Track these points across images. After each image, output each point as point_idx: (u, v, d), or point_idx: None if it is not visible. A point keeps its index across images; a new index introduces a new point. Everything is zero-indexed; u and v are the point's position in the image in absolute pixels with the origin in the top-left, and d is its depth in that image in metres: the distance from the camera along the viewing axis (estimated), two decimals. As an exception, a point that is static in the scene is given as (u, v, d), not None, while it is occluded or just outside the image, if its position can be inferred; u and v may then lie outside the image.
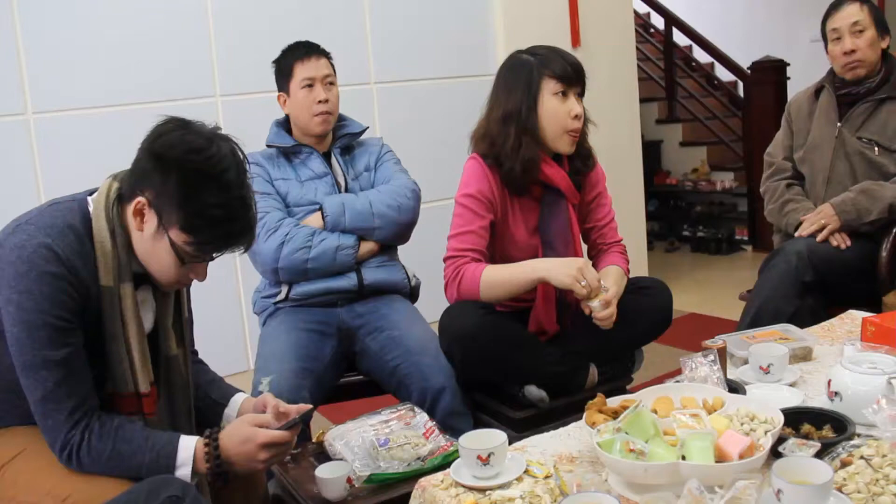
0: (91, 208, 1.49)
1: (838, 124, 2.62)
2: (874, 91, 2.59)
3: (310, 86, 2.33)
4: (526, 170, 2.10)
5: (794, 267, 2.43)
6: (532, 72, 2.10)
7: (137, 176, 1.46)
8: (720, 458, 1.30)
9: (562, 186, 2.16)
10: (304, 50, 2.38)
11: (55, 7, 3.05)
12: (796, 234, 2.57)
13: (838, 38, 2.59)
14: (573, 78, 2.10)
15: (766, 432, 1.37)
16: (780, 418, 1.41)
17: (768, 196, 2.80)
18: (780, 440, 1.38)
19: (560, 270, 1.99)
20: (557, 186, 2.16)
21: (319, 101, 2.33)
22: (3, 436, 1.50)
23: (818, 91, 2.73)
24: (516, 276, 2.05)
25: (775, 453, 1.36)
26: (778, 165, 2.82)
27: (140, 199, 1.45)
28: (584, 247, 2.36)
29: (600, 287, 1.99)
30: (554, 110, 2.09)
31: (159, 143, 1.43)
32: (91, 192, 1.53)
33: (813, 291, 2.46)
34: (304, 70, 2.34)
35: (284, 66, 2.38)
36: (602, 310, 2.00)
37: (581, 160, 2.22)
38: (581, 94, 2.15)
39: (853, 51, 2.56)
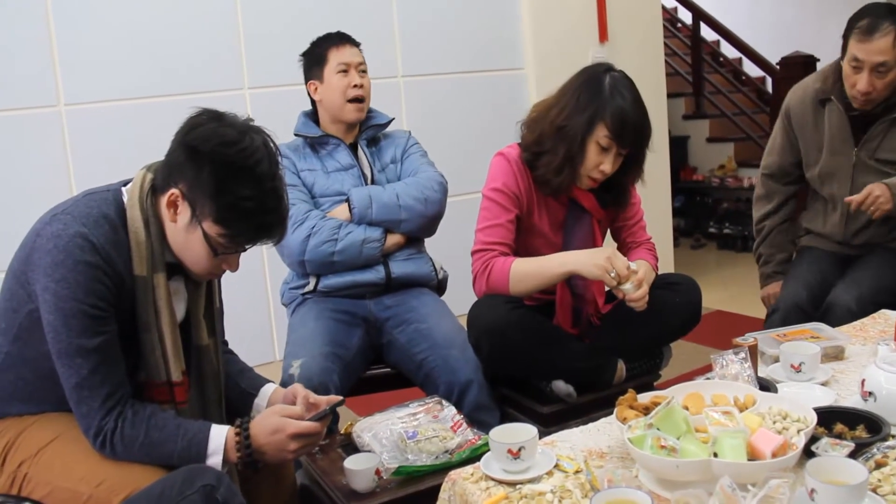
0: (125, 199, 1.51)
1: (854, 149, 2.49)
2: (892, 108, 2.42)
3: (345, 71, 2.34)
4: (559, 188, 2.10)
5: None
6: (598, 108, 2.01)
7: (171, 168, 1.47)
8: (753, 456, 1.29)
9: (586, 205, 2.17)
10: (337, 38, 2.40)
11: (87, 0, 3.08)
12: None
13: (858, 68, 2.34)
14: (622, 139, 2.01)
15: (798, 431, 1.36)
16: (814, 417, 1.40)
17: (757, 236, 2.80)
18: (813, 439, 1.37)
19: (589, 262, 1.99)
20: (582, 204, 2.16)
21: (354, 86, 2.34)
22: (40, 421, 1.53)
23: (823, 101, 2.54)
24: (546, 270, 2.05)
25: (808, 453, 1.34)
26: (768, 190, 2.74)
27: (174, 190, 1.46)
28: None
29: (630, 273, 1.98)
30: (591, 157, 2.04)
31: (193, 135, 1.44)
32: (125, 183, 1.55)
33: None
34: (339, 56, 2.35)
35: (318, 53, 2.39)
36: (635, 290, 1.99)
37: (613, 198, 2.21)
38: (629, 157, 2.07)
39: (868, 91, 2.34)
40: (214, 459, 1.49)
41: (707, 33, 6.70)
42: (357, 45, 2.42)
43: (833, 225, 2.61)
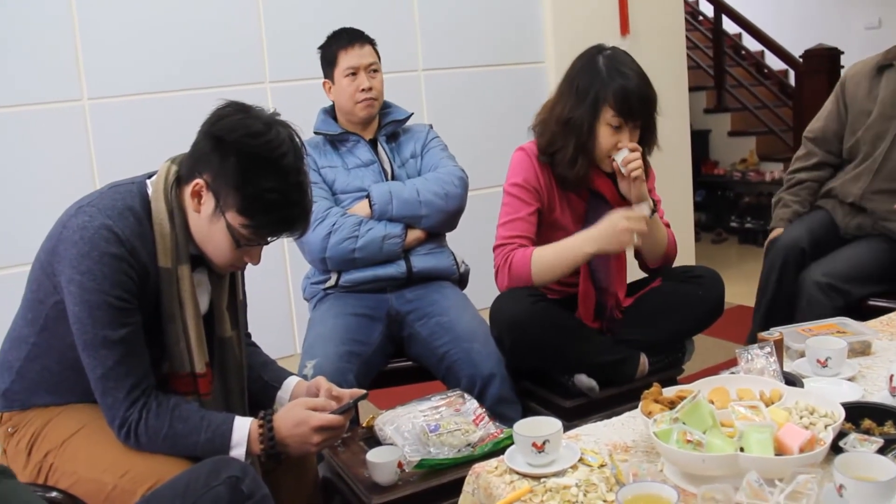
0: (150, 191, 1.52)
1: None
2: None
3: (353, 74, 2.33)
4: (578, 180, 2.11)
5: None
6: (598, 92, 2.02)
7: (196, 158, 1.48)
8: (780, 451, 1.28)
9: (607, 196, 2.16)
10: (347, 38, 2.37)
11: (110, -5, 3.10)
12: None
13: None
14: (631, 114, 2.02)
15: (826, 426, 1.35)
16: (841, 412, 1.38)
17: (784, 184, 2.83)
18: (841, 435, 1.35)
19: (609, 242, 2.01)
20: (603, 195, 2.15)
21: (363, 90, 2.33)
22: (65, 412, 1.54)
23: (882, 68, 2.56)
24: (567, 254, 2.06)
25: (835, 448, 1.33)
26: (808, 150, 2.77)
27: (198, 180, 1.47)
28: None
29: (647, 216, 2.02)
30: (605, 139, 2.05)
31: (219, 125, 1.45)
32: (150, 176, 1.56)
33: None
34: (347, 59, 2.34)
35: (328, 54, 2.39)
36: (629, 152, 2.02)
37: None
38: (641, 127, 2.08)
39: None
40: (238, 451, 1.50)
41: (729, 26, 6.63)
42: (368, 41, 2.39)
43: (853, 181, 2.60)
